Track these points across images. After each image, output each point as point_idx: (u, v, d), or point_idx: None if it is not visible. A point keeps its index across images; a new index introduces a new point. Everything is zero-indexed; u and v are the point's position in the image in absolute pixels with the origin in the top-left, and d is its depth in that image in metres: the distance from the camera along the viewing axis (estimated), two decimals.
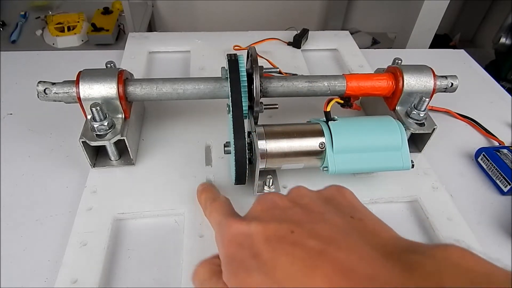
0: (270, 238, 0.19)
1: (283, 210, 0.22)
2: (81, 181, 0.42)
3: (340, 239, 0.18)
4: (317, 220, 0.20)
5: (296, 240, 0.19)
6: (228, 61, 0.39)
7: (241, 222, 0.22)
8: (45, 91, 0.40)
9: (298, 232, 0.19)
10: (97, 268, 0.34)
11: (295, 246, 0.18)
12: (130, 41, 0.67)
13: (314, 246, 0.18)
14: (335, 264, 0.17)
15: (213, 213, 0.29)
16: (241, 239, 0.21)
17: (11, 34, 1.29)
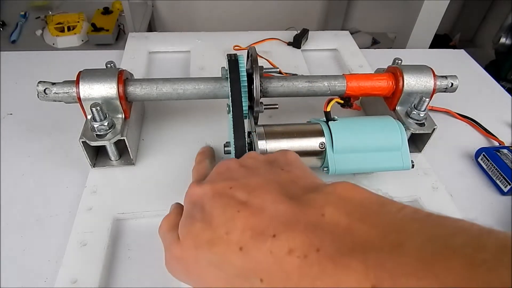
0: (214, 195, 0.24)
1: (231, 171, 0.26)
2: (81, 181, 0.42)
3: (262, 189, 0.22)
4: (251, 175, 0.24)
5: (231, 194, 0.23)
6: (228, 61, 0.39)
7: (199, 185, 0.26)
8: (45, 91, 0.40)
9: (234, 187, 0.23)
10: (97, 268, 0.34)
11: (229, 198, 0.22)
12: (130, 41, 0.67)
13: (241, 196, 0.22)
14: (252, 209, 0.21)
15: (193, 175, 0.36)
16: (194, 198, 0.25)
17: (11, 34, 1.29)
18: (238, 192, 0.23)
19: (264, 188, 0.22)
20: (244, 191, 0.22)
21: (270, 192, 0.22)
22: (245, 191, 0.22)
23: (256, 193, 0.22)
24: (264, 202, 0.21)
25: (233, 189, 0.23)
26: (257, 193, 0.22)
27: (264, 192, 0.22)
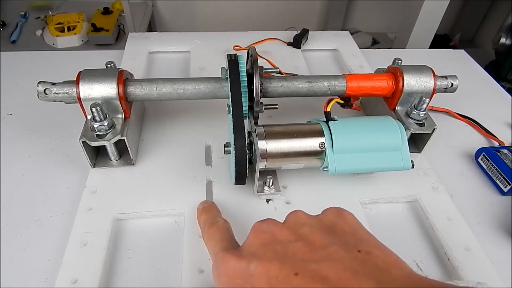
0: (272, 282, 0.18)
1: (284, 245, 0.20)
2: (81, 181, 0.42)
3: (347, 281, 0.17)
4: (321, 257, 0.19)
5: (300, 285, 0.17)
6: (228, 61, 0.39)
7: (239, 259, 0.20)
8: (45, 91, 0.40)
9: (302, 275, 0.17)
10: (97, 268, 0.34)
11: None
12: (130, 41, 0.67)
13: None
14: None
15: (210, 240, 0.28)
16: (240, 281, 0.20)
17: (11, 34, 1.29)
18: (313, 284, 0.17)
19: (353, 280, 0.17)
20: (321, 283, 0.17)
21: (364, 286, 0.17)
22: (323, 283, 0.17)
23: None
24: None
25: (302, 279, 0.17)
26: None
27: (354, 285, 0.17)
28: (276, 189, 0.41)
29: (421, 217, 0.42)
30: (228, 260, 0.21)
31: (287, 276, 0.18)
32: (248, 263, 0.20)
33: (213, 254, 0.24)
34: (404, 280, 0.17)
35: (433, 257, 0.38)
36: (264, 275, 0.18)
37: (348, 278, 0.17)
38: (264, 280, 0.18)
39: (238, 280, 0.20)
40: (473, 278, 0.36)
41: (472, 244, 0.38)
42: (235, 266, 0.20)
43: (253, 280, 0.19)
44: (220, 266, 0.22)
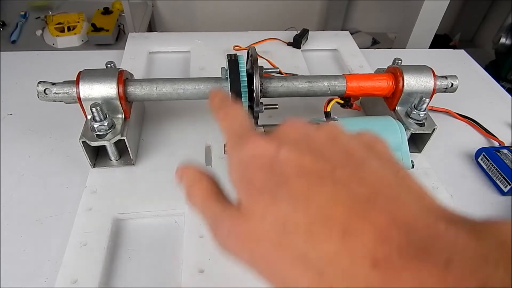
0: (305, 172, 0.16)
1: (320, 145, 0.18)
2: (81, 181, 0.42)
3: (389, 191, 0.16)
4: (361, 166, 0.17)
5: (338, 181, 0.16)
6: (228, 61, 0.39)
7: (268, 141, 0.18)
8: (45, 91, 0.40)
9: (340, 174, 0.16)
10: (97, 268, 0.34)
11: (337, 186, 0.16)
12: (130, 41, 0.67)
13: (361, 192, 0.15)
14: (388, 215, 0.14)
15: (229, 119, 0.23)
16: (265, 162, 0.17)
17: (11, 34, 1.29)
18: (352, 184, 0.16)
19: (395, 192, 0.16)
20: (362, 185, 0.16)
21: (406, 200, 0.15)
22: (364, 186, 0.16)
23: (386, 196, 0.15)
24: (402, 212, 0.15)
25: (340, 176, 0.16)
26: (386, 196, 0.15)
27: (396, 196, 0.15)
28: None
29: None
30: (255, 138, 0.18)
31: (323, 169, 0.16)
32: (278, 147, 0.17)
33: (232, 133, 0.21)
34: (440, 208, 0.16)
35: None
36: (295, 163, 0.17)
37: (389, 189, 0.16)
38: (295, 168, 0.17)
39: (264, 160, 0.17)
40: None
41: None
42: (262, 146, 0.18)
43: (280, 165, 0.17)
44: (243, 144, 0.19)
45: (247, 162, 0.18)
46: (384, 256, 0.14)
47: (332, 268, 0.14)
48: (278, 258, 0.16)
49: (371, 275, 0.14)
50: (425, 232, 0.14)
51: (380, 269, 0.14)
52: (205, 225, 0.21)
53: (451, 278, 0.13)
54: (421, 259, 0.13)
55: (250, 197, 0.18)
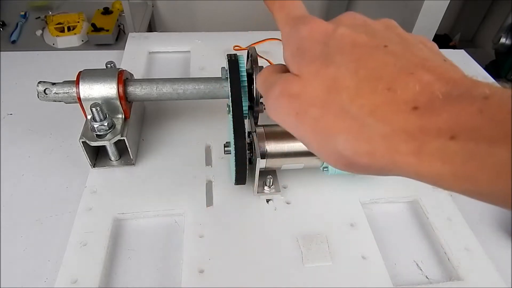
0: (358, 44, 0.18)
1: (376, 30, 0.19)
2: (81, 181, 0.42)
3: (437, 63, 0.17)
4: (413, 46, 0.19)
5: (389, 52, 0.17)
6: (228, 61, 0.39)
7: (327, 22, 0.20)
8: (45, 91, 0.40)
9: (393, 48, 0.18)
10: (97, 268, 0.34)
11: (388, 55, 0.17)
12: (130, 41, 0.67)
13: (412, 60, 0.17)
14: (435, 74, 0.16)
15: (287, 6, 0.25)
16: (320, 37, 0.19)
17: (11, 34, 1.29)
18: (403, 53, 0.17)
19: (441, 62, 0.18)
20: (412, 54, 0.17)
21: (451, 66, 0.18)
22: (414, 55, 0.17)
23: (434, 62, 0.17)
24: (449, 72, 0.16)
25: (391, 49, 0.17)
26: (435, 62, 0.17)
27: (443, 64, 0.18)
28: (276, 189, 0.41)
29: (421, 217, 0.42)
30: (313, 20, 0.20)
31: (377, 45, 0.18)
32: (336, 26, 0.19)
33: (289, 18, 0.23)
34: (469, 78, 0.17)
35: (433, 257, 0.38)
36: (351, 38, 0.18)
37: (435, 59, 0.18)
38: (350, 42, 0.18)
39: (320, 35, 0.19)
40: (473, 278, 0.36)
41: (472, 244, 0.38)
42: (320, 25, 0.20)
43: (336, 40, 0.18)
44: (301, 24, 0.21)
45: (304, 37, 0.20)
46: (425, 101, 0.15)
47: (372, 117, 0.16)
48: (322, 114, 0.17)
49: (410, 118, 0.15)
50: (468, 84, 0.15)
51: (419, 111, 0.15)
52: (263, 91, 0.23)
53: (487, 113, 0.14)
54: (461, 101, 0.14)
55: (302, 65, 0.19)
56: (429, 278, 0.36)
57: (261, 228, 0.39)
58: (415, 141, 0.15)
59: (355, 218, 0.40)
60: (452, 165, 0.14)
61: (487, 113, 0.13)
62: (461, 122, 0.14)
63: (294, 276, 0.35)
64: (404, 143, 0.15)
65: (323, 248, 0.37)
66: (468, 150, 0.13)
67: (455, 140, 0.14)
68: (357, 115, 0.16)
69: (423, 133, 0.15)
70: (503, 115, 0.13)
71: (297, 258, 0.36)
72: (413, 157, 0.15)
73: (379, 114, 0.16)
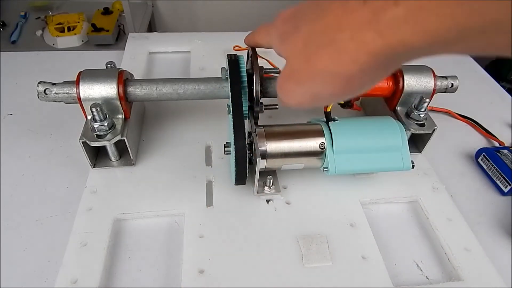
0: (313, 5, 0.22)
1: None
2: (81, 181, 0.42)
3: None
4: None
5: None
6: (228, 61, 0.39)
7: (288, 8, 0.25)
8: (45, 92, 0.40)
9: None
10: (97, 268, 0.34)
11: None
12: (130, 41, 0.67)
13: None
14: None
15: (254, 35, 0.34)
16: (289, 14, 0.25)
17: (11, 35, 1.29)
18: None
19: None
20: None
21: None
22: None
23: None
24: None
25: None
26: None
27: None
28: (276, 189, 0.41)
29: (421, 217, 0.42)
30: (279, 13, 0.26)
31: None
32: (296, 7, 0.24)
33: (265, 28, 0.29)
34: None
35: (433, 257, 0.38)
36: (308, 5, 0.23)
37: None
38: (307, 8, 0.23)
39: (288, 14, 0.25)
40: (473, 278, 0.36)
41: (472, 244, 0.38)
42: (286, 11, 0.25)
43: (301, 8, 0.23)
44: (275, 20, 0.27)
45: (279, 24, 0.26)
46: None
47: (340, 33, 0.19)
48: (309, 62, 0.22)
49: (361, 10, 0.18)
50: None
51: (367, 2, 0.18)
52: None
53: None
54: None
55: (284, 48, 0.25)
56: (429, 278, 0.36)
57: (261, 229, 0.39)
58: (372, 24, 0.18)
59: (355, 218, 0.40)
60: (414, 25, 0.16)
61: None
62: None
63: (294, 276, 0.35)
64: (366, 32, 0.18)
65: (323, 248, 0.37)
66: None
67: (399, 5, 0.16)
68: (330, 39, 0.20)
69: (375, 14, 0.17)
70: None
71: (297, 258, 0.36)
72: (379, 39, 0.18)
73: (343, 26, 0.19)
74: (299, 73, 0.23)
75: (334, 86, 0.22)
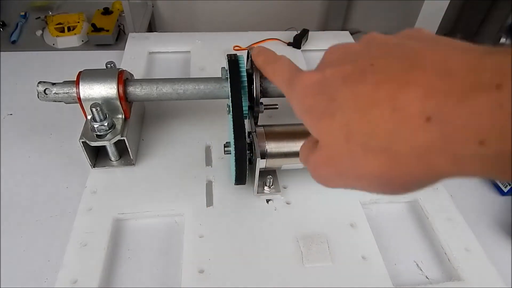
0: (347, 77, 0.18)
1: (358, 53, 0.20)
2: (81, 181, 0.42)
3: (428, 52, 0.16)
4: (397, 49, 0.18)
5: (377, 69, 0.17)
6: (228, 61, 0.39)
7: (314, 72, 0.21)
8: (45, 92, 0.40)
9: (378, 63, 0.17)
10: (97, 268, 0.34)
11: (377, 73, 0.17)
12: (130, 41, 0.67)
13: (401, 66, 0.16)
14: (429, 71, 0.15)
15: (277, 72, 0.26)
16: (316, 88, 0.20)
17: (11, 34, 1.29)
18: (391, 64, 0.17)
19: (435, 48, 0.17)
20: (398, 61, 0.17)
21: (446, 49, 0.16)
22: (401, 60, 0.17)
23: (426, 52, 0.16)
24: (445, 60, 0.15)
25: (379, 65, 0.17)
26: (426, 52, 0.16)
27: (437, 50, 0.16)
28: (276, 189, 0.41)
29: (421, 217, 0.42)
30: (304, 75, 0.21)
31: (362, 67, 0.18)
32: (323, 72, 0.20)
33: (286, 81, 0.24)
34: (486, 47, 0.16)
35: (433, 257, 0.38)
36: (339, 75, 0.19)
37: (426, 51, 0.17)
38: (340, 79, 0.19)
39: (315, 87, 0.20)
40: (473, 278, 0.36)
41: (472, 244, 0.38)
42: (311, 77, 0.21)
43: (329, 82, 0.19)
44: (296, 83, 0.22)
45: (302, 93, 0.21)
46: (434, 107, 0.14)
47: (395, 143, 0.16)
48: (353, 160, 0.18)
49: (429, 131, 0.15)
50: (468, 66, 0.14)
51: (434, 121, 0.14)
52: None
53: (505, 97, 0.13)
54: (471, 97, 0.13)
55: (316, 128, 0.20)
56: (429, 278, 0.36)
57: (261, 228, 0.39)
58: (447, 153, 0.15)
59: (355, 218, 0.40)
60: (493, 166, 0.14)
61: (507, 107, 0.12)
62: (484, 124, 0.13)
63: (294, 276, 0.35)
64: (437, 157, 0.15)
65: (323, 248, 0.37)
66: (503, 154, 0.13)
67: (485, 145, 0.13)
68: (379, 146, 0.17)
69: (449, 142, 0.14)
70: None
71: (297, 258, 0.36)
72: (453, 166, 0.15)
73: (399, 136, 0.16)
74: (341, 166, 0.19)
75: (381, 189, 0.19)
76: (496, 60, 0.14)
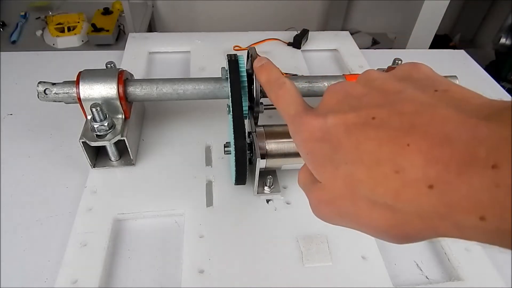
0: (350, 128, 0.19)
1: (358, 98, 0.20)
2: (81, 181, 0.42)
3: (428, 112, 0.17)
4: (396, 100, 0.18)
5: (378, 124, 0.18)
6: (228, 61, 0.39)
7: (317, 117, 0.21)
8: (45, 92, 0.40)
9: (379, 116, 0.18)
10: (97, 268, 0.34)
11: (379, 129, 0.17)
12: (130, 41, 0.67)
13: (400, 124, 0.17)
14: (429, 136, 0.15)
15: (281, 102, 0.26)
16: (319, 135, 0.20)
17: (11, 35, 1.29)
18: (391, 120, 0.17)
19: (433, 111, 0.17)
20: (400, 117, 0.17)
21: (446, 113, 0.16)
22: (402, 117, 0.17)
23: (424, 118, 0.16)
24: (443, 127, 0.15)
25: (379, 119, 0.18)
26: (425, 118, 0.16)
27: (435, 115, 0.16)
28: (276, 189, 0.41)
29: None
30: (306, 119, 0.22)
31: (364, 120, 0.18)
32: (325, 118, 0.20)
33: (288, 117, 0.25)
34: (484, 105, 0.16)
35: (433, 257, 0.38)
36: (342, 124, 0.19)
37: (427, 111, 0.17)
38: (343, 129, 0.19)
39: (318, 133, 0.21)
40: (473, 278, 0.36)
41: (472, 244, 0.38)
42: (313, 124, 0.21)
43: (331, 131, 0.20)
44: (299, 126, 0.22)
45: (305, 137, 0.22)
46: (435, 176, 0.15)
47: (399, 202, 0.16)
48: (357, 209, 0.19)
49: (431, 197, 0.15)
50: (466, 136, 0.15)
51: (436, 189, 0.15)
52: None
53: (501, 177, 0.13)
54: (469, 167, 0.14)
55: (319, 172, 0.21)
56: (429, 278, 0.36)
57: (261, 229, 0.39)
58: (450, 220, 0.15)
59: None
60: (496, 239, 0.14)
61: (504, 186, 0.13)
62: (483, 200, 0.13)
63: (294, 276, 0.35)
64: (440, 221, 0.15)
65: (323, 248, 0.37)
66: (505, 231, 0.13)
67: (486, 221, 0.13)
68: (384, 203, 0.17)
69: (452, 212, 0.14)
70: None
71: (297, 258, 0.36)
72: (457, 232, 0.15)
73: (403, 197, 0.16)
74: (344, 210, 0.20)
75: (384, 239, 0.19)
76: (491, 131, 0.14)
